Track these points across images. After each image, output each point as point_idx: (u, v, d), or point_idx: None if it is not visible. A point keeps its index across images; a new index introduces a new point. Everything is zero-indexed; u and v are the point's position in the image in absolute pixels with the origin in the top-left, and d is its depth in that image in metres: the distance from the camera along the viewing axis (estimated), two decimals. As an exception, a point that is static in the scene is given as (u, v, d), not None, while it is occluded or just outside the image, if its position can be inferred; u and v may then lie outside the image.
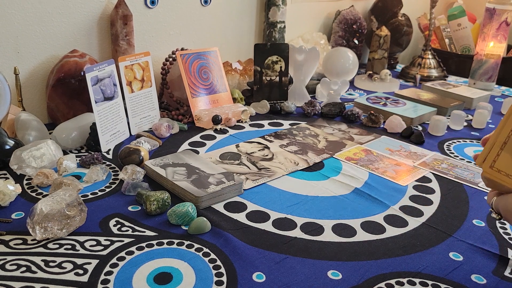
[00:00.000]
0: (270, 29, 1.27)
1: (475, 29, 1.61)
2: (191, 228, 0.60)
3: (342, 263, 0.56)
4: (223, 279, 0.52)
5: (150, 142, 0.86)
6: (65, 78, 0.89)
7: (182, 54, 1.00)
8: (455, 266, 0.57)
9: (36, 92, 0.95)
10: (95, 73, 0.82)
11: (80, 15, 0.96)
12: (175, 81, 1.06)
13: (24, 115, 0.83)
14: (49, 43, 0.94)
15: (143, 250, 0.56)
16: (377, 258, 0.57)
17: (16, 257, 0.54)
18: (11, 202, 0.65)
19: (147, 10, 1.06)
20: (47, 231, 0.56)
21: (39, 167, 0.73)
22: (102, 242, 0.57)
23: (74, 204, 0.58)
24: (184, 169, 0.74)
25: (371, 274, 0.54)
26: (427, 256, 0.58)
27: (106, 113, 0.85)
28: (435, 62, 1.46)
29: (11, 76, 0.88)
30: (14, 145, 0.75)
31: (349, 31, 1.44)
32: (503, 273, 0.56)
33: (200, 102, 1.01)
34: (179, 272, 0.53)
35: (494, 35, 1.29)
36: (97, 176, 0.73)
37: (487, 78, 1.33)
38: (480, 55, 1.33)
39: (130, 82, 0.92)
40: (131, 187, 0.69)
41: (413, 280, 0.54)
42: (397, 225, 0.65)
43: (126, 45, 0.99)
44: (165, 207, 0.64)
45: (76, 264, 0.53)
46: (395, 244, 0.61)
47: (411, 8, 1.62)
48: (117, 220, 0.63)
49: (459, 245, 0.61)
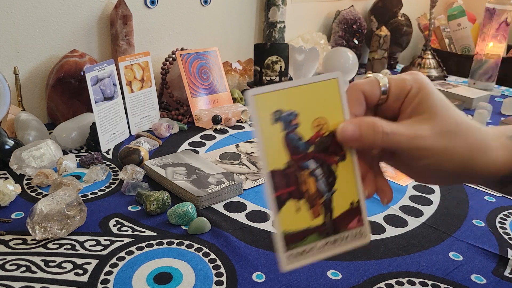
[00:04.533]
0: (270, 29, 1.27)
1: (475, 29, 1.61)
2: (191, 228, 0.60)
3: (342, 263, 0.56)
4: (223, 279, 0.52)
5: (150, 142, 0.86)
6: (65, 78, 0.89)
7: (182, 54, 1.00)
8: (455, 266, 0.57)
9: (36, 92, 0.95)
10: (95, 73, 0.82)
11: (80, 15, 0.96)
12: (175, 81, 1.06)
13: (24, 115, 0.83)
14: (49, 43, 0.94)
15: (143, 250, 0.56)
16: (377, 258, 0.57)
17: (16, 257, 0.54)
18: (11, 202, 0.65)
19: (147, 10, 1.06)
20: (47, 231, 0.56)
21: (39, 167, 0.73)
22: (102, 242, 0.57)
23: (74, 204, 0.58)
24: (184, 169, 0.74)
25: (371, 274, 0.54)
26: (427, 256, 0.58)
27: (106, 113, 0.85)
28: (435, 62, 1.46)
29: (11, 76, 0.88)
30: (14, 145, 0.75)
31: (349, 31, 1.44)
32: (503, 273, 0.56)
33: (200, 102, 1.01)
34: (179, 272, 0.53)
35: (494, 35, 1.29)
36: (97, 176, 0.73)
37: (487, 78, 1.33)
38: (480, 55, 1.33)
39: (130, 82, 0.92)
40: (131, 187, 0.69)
41: (413, 280, 0.54)
42: (397, 225, 0.65)
43: (126, 45, 0.99)
44: (165, 207, 0.64)
45: (76, 264, 0.53)
46: (395, 244, 0.61)
47: (411, 8, 1.62)
48: (117, 220, 0.63)
49: (459, 245, 0.61)
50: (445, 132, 0.36)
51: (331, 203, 0.37)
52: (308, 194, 0.36)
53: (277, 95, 0.34)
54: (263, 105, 0.34)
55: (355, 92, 0.38)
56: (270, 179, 0.34)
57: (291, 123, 0.35)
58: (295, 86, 0.35)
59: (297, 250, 0.36)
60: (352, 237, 0.38)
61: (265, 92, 0.34)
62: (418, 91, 0.37)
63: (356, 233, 0.38)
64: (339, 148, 0.37)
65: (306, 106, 0.36)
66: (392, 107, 0.39)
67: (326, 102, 0.36)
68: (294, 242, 0.35)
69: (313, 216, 0.36)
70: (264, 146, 0.34)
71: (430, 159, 0.37)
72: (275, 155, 0.35)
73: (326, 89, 0.36)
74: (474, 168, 0.37)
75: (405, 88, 0.37)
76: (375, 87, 0.38)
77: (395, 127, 0.36)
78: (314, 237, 0.36)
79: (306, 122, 0.36)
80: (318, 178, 0.36)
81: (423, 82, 0.37)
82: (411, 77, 0.38)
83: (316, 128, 0.36)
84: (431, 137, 0.36)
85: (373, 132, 0.35)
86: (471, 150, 0.37)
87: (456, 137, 0.37)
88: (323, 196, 0.36)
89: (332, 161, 0.37)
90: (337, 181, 0.37)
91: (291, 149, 0.35)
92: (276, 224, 0.35)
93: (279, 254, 0.35)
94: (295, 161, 0.35)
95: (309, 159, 0.36)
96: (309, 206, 0.36)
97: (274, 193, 0.34)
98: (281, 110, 0.35)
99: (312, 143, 0.36)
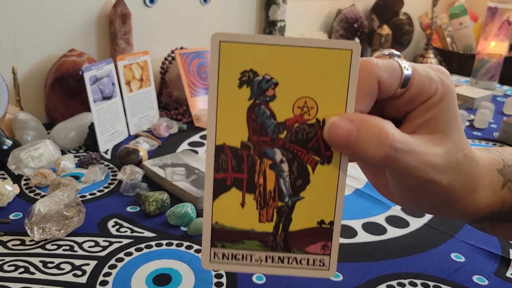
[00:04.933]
0: (270, 28, 1.26)
1: (477, 28, 1.60)
2: (190, 229, 0.60)
3: (343, 264, 0.55)
4: (223, 280, 0.52)
5: (149, 142, 0.85)
6: (63, 78, 0.88)
7: (181, 53, 1.00)
8: (456, 267, 0.56)
9: (34, 91, 0.94)
10: (93, 72, 0.81)
11: (78, 14, 0.96)
12: (174, 81, 1.05)
13: (22, 115, 0.83)
14: (47, 42, 0.93)
15: (142, 251, 0.56)
16: (378, 259, 0.57)
17: (14, 258, 0.53)
18: (9, 202, 0.64)
19: (146, 8, 1.05)
20: (45, 232, 0.56)
21: (37, 167, 0.72)
22: (101, 243, 0.57)
23: (72, 204, 0.58)
24: (183, 169, 0.73)
25: (372, 275, 0.54)
26: (429, 257, 0.58)
27: (105, 113, 0.84)
28: (436, 61, 1.45)
29: (9, 75, 0.88)
30: (12, 145, 0.75)
31: (350, 30, 1.43)
32: (505, 274, 0.55)
33: (200, 102, 1.00)
34: (178, 273, 0.52)
35: (496, 34, 1.28)
36: (96, 176, 0.72)
37: (489, 77, 1.32)
38: (482, 55, 1.32)
39: (129, 81, 0.91)
40: (130, 187, 0.69)
41: (415, 281, 0.53)
42: (398, 225, 0.65)
43: (124, 44, 0.99)
44: (164, 208, 0.64)
45: (74, 265, 0.53)
46: (396, 245, 0.60)
47: (412, 7, 1.62)
48: (115, 221, 0.62)
49: (460, 246, 0.60)
50: (453, 163, 0.29)
51: (291, 213, 0.28)
52: (261, 190, 0.28)
53: (256, 50, 0.25)
54: (231, 58, 0.25)
55: (369, 79, 0.27)
56: (215, 154, 0.27)
57: (264, 93, 0.26)
58: (285, 46, 0.26)
59: (227, 251, 0.28)
60: (308, 264, 0.29)
61: (240, 42, 0.25)
62: (441, 99, 0.28)
63: (315, 261, 0.29)
64: (325, 146, 0.27)
65: (293, 77, 0.26)
66: (399, 109, 0.29)
67: (325, 80, 0.26)
68: (225, 241, 0.28)
69: (260, 219, 0.28)
70: (218, 112, 0.26)
71: (425, 192, 0.29)
72: (230, 128, 0.26)
73: (331, 62, 0.26)
74: (459, 207, 0.31)
75: (428, 89, 0.28)
76: (395, 76, 0.27)
77: (409, 142, 0.27)
78: (253, 244, 0.28)
79: (286, 98, 0.26)
80: (282, 175, 0.28)
81: (449, 89, 0.29)
82: (438, 76, 0.28)
83: (298, 109, 0.27)
84: (440, 167, 0.28)
85: (377, 142, 0.26)
86: (467, 189, 0.30)
87: (459, 172, 0.29)
88: (283, 200, 0.28)
89: (309, 160, 0.27)
90: (308, 188, 0.28)
91: (254, 127, 0.27)
92: (206, 211, 0.28)
93: (203, 247, 0.29)
94: (256, 144, 0.27)
95: (276, 147, 0.27)
96: (259, 206, 0.28)
97: (215, 174, 0.27)
98: (255, 72, 0.26)
99: (287, 128, 0.27)
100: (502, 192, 0.33)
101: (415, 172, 0.27)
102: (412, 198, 0.31)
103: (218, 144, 0.27)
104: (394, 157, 0.26)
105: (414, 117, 0.29)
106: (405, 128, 0.29)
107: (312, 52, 0.26)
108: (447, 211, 0.32)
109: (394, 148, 0.26)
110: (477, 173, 0.31)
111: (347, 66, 0.26)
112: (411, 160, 0.27)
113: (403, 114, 0.30)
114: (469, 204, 0.31)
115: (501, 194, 0.32)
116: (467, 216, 0.33)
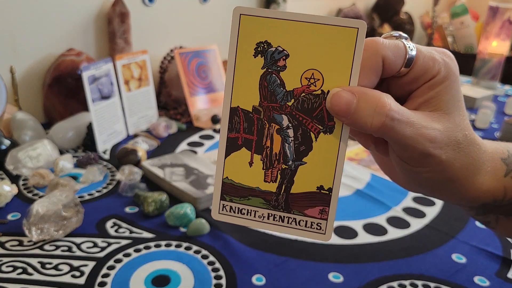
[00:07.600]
0: (270, 27, 1.26)
1: (478, 28, 1.60)
2: (189, 230, 0.59)
3: (344, 265, 0.55)
4: (222, 281, 0.51)
5: (148, 142, 0.85)
6: (61, 77, 0.88)
7: (181, 52, 0.99)
8: (458, 268, 0.56)
9: (33, 91, 0.94)
10: (92, 71, 0.81)
11: (76, 13, 0.95)
12: (173, 80, 1.05)
13: (20, 115, 0.82)
14: (45, 42, 0.93)
15: (140, 252, 0.55)
16: (379, 260, 0.56)
17: (12, 259, 0.53)
18: (7, 203, 0.64)
19: (144, 7, 1.05)
20: (44, 233, 0.55)
21: (35, 167, 0.72)
22: (99, 244, 0.57)
23: (71, 205, 0.58)
24: (182, 169, 0.73)
25: (373, 276, 0.53)
26: (430, 258, 0.57)
27: (103, 113, 0.84)
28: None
29: (8, 75, 0.87)
30: (10, 145, 0.74)
31: (350, 29, 1.43)
32: (506, 274, 0.55)
33: (199, 101, 1.00)
34: (177, 274, 0.52)
35: (497, 33, 1.28)
36: (94, 176, 0.72)
37: (490, 77, 1.32)
38: (483, 54, 1.31)
39: (128, 81, 0.91)
40: (129, 188, 0.68)
41: (416, 282, 0.53)
42: (399, 226, 0.64)
43: (123, 43, 0.98)
44: (163, 208, 0.63)
45: (72, 266, 0.52)
46: (397, 246, 0.60)
47: (413, 6, 1.61)
48: (114, 221, 0.62)
49: (462, 247, 0.60)
50: (452, 141, 0.30)
51: (293, 176, 0.30)
52: (268, 152, 0.30)
53: (272, 24, 0.28)
54: (249, 30, 0.29)
55: (374, 56, 0.29)
56: (229, 115, 0.29)
57: (276, 63, 0.29)
58: (297, 21, 0.28)
59: (234, 205, 0.31)
60: (306, 226, 0.31)
61: (258, 15, 0.28)
62: (444, 79, 0.30)
63: (313, 224, 0.31)
64: (328, 116, 0.29)
65: (303, 50, 0.28)
66: (403, 88, 0.31)
67: (332, 54, 0.28)
68: (233, 195, 0.31)
69: (265, 179, 0.30)
70: (234, 78, 0.29)
71: (424, 167, 0.31)
72: (244, 93, 0.29)
73: (339, 38, 0.28)
74: (459, 187, 0.32)
75: (432, 69, 0.30)
76: (399, 55, 0.29)
77: (406, 113, 0.29)
78: (258, 201, 0.31)
79: (296, 69, 0.29)
80: (287, 140, 0.30)
81: (452, 70, 0.30)
82: (442, 58, 0.30)
83: (305, 80, 0.29)
84: (439, 142, 0.30)
85: (374, 111, 0.28)
86: (467, 169, 0.31)
87: (458, 151, 0.31)
88: (286, 163, 0.30)
89: (313, 128, 0.30)
90: (311, 155, 0.30)
91: (265, 93, 0.29)
92: (219, 167, 0.30)
93: (213, 199, 0.31)
94: (266, 109, 0.29)
95: (284, 114, 0.29)
96: (265, 166, 0.30)
97: (228, 133, 0.30)
98: (269, 44, 0.29)
99: (295, 97, 0.29)
100: (504, 180, 0.33)
101: (412, 142, 0.29)
102: (412, 176, 0.32)
103: (233, 106, 0.29)
104: (391, 126, 0.28)
105: (417, 95, 0.31)
106: (408, 106, 0.31)
107: (322, 28, 0.28)
108: (448, 193, 0.33)
109: (391, 117, 0.28)
110: (478, 156, 0.32)
111: (352, 43, 0.28)
112: (408, 131, 0.29)
113: (408, 93, 0.31)
114: (469, 186, 0.32)
115: (503, 182, 0.33)
116: (468, 200, 0.33)
